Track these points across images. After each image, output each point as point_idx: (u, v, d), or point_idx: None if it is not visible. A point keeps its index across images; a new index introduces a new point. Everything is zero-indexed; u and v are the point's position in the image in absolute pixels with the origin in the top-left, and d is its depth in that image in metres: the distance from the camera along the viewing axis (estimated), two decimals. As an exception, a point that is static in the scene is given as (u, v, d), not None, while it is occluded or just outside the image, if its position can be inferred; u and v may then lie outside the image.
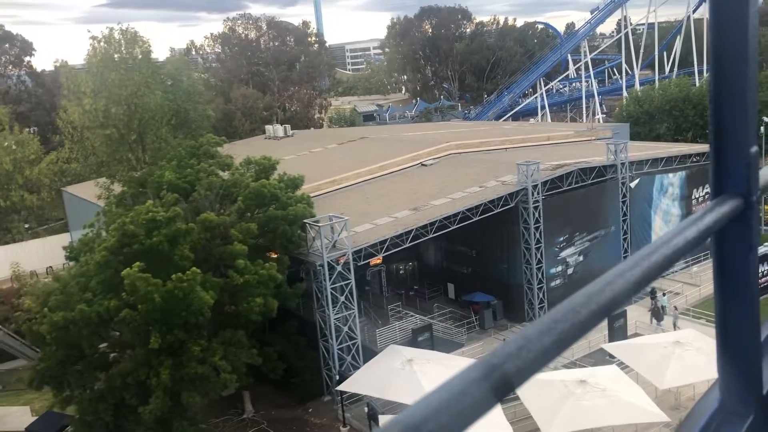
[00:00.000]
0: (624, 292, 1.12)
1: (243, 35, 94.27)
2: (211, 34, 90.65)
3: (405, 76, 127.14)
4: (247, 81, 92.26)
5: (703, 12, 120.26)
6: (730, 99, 1.47)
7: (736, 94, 1.46)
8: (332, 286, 31.47)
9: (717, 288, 1.56)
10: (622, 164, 42.16)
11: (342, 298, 31.85)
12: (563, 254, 40.43)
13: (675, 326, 37.24)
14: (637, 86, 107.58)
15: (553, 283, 40.17)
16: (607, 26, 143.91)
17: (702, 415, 1.53)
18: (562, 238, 40.28)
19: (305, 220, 31.18)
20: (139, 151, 37.45)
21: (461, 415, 0.85)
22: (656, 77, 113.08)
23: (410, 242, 34.66)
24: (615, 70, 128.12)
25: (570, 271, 40.77)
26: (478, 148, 50.72)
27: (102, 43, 37.59)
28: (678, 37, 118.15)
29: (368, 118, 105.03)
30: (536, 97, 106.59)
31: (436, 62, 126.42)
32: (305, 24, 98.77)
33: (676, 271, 44.34)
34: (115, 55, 37.62)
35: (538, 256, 38.86)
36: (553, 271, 40.08)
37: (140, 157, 37.47)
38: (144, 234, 24.76)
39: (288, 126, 65.99)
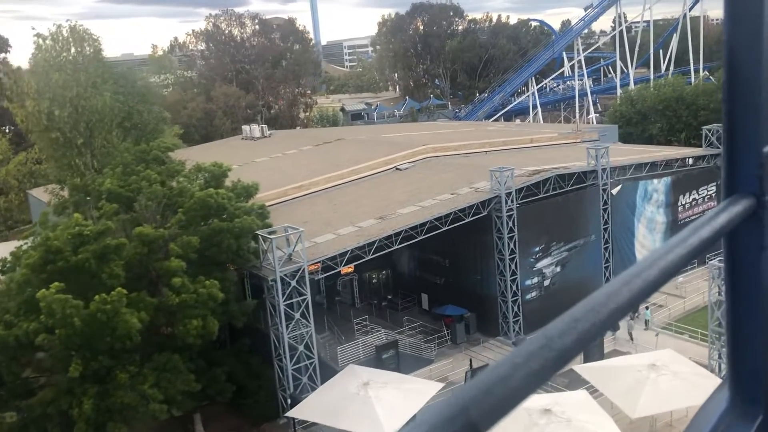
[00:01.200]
0: (642, 291, 1.12)
1: (227, 32, 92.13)
2: (193, 31, 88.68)
3: (396, 74, 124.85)
4: (230, 79, 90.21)
5: (700, 10, 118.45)
6: (743, 98, 1.46)
7: (750, 94, 1.46)
8: (286, 302, 29.42)
9: (728, 288, 1.57)
10: (603, 170, 40.09)
11: (297, 315, 29.80)
12: (539, 265, 38.39)
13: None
14: (632, 85, 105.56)
15: (528, 296, 38.14)
16: (606, 24, 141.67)
17: (711, 416, 1.50)
18: (538, 248, 38.24)
19: (258, 232, 29.12)
20: (88, 155, 35.31)
21: (487, 413, 0.87)
22: (651, 76, 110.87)
23: (373, 254, 32.62)
24: (611, 68, 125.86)
25: (547, 282, 38.73)
26: (456, 151, 48.69)
27: (48, 41, 35.44)
28: (674, 35, 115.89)
29: (356, 117, 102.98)
30: (528, 96, 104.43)
31: (428, 60, 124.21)
32: (291, 21, 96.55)
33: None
34: (63, 54, 35.43)
35: (513, 267, 36.84)
36: (528, 282, 38.04)
37: (88, 162, 35.33)
38: (70, 250, 22.75)
39: (265, 126, 63.95)
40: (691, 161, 47.05)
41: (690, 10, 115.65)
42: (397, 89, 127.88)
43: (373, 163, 45.00)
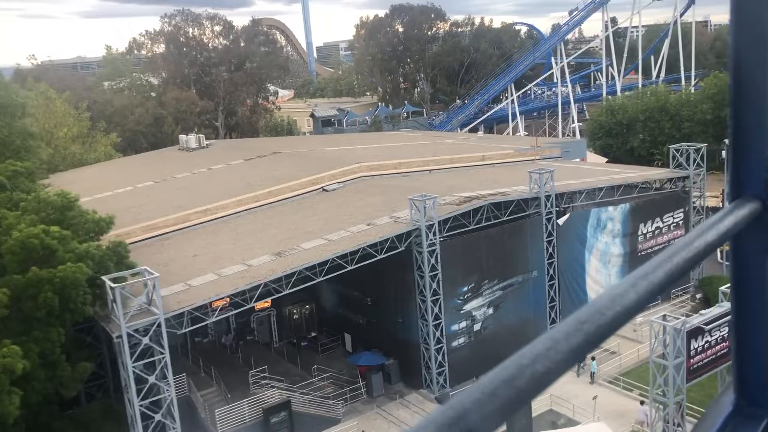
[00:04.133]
0: (647, 293, 1.12)
1: (189, 33, 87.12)
2: (147, 31, 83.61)
3: (373, 79, 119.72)
4: (189, 83, 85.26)
5: (692, 15, 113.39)
6: (750, 102, 1.46)
7: (756, 98, 1.46)
8: (139, 363, 24.39)
9: (734, 290, 1.56)
10: (548, 196, 35.05)
11: (152, 378, 24.76)
12: (468, 307, 33.35)
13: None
14: (619, 91, 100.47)
15: (455, 343, 33.12)
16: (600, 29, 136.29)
17: (717, 418, 1.50)
18: (466, 288, 33.20)
19: (104, 278, 24.09)
20: None
21: (492, 415, 0.87)
22: (639, 83, 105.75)
23: (255, 301, 27.60)
24: (600, 74, 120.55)
25: (477, 327, 33.69)
26: (395, 170, 43.66)
27: None
28: (666, 40, 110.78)
29: (327, 123, 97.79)
30: (507, 104, 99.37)
31: (408, 64, 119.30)
32: (255, 22, 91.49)
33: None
34: None
35: (436, 309, 31.81)
36: (455, 328, 33.01)
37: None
38: None
39: (202, 136, 58.95)
40: (658, 183, 42.09)
41: (681, 15, 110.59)
42: (375, 95, 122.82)
43: (296, 183, 40.00)
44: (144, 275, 24.77)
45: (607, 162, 75.54)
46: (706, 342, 25.68)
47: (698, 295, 41.48)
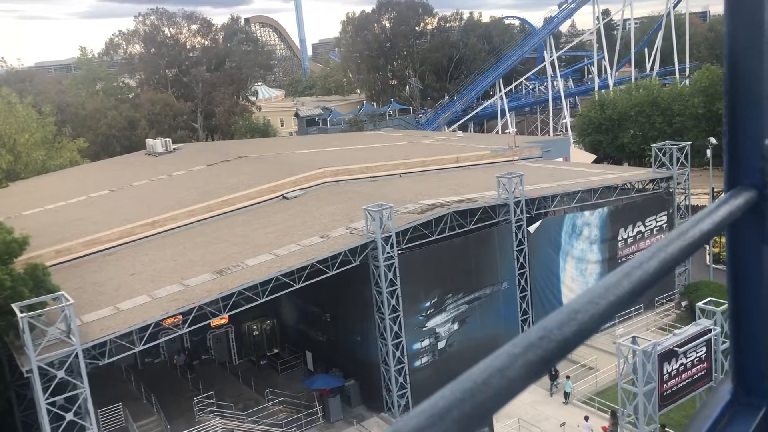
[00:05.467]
0: (642, 283, 1.12)
1: (166, 33, 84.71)
2: (120, 31, 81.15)
3: (360, 76, 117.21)
4: (166, 84, 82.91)
5: (686, 6, 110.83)
6: (745, 91, 1.46)
7: (751, 87, 1.45)
8: (52, 400, 22.11)
9: (730, 280, 1.56)
10: (517, 203, 32.69)
11: (69, 416, 22.49)
12: (431, 323, 31.02)
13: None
14: (611, 85, 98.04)
15: (417, 362, 30.80)
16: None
17: (714, 407, 1.51)
18: (429, 303, 30.87)
19: (15, 306, 21.81)
20: None
21: (484, 404, 0.87)
22: (633, 76, 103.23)
23: (189, 327, 25.29)
24: (593, 68, 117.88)
25: (441, 344, 31.37)
26: (362, 174, 41.31)
27: None
28: (659, 33, 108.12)
29: (311, 123, 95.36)
30: (495, 100, 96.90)
31: (396, 61, 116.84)
32: (235, 20, 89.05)
33: (601, 330, 35.10)
34: None
35: (396, 327, 29.50)
36: (417, 346, 30.68)
37: None
38: None
39: (169, 140, 56.63)
40: (641, 183, 39.72)
41: (675, 6, 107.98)
42: (362, 92, 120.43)
43: (253, 191, 37.67)
44: (61, 301, 22.51)
45: (595, 159, 73.33)
46: (681, 365, 23.35)
47: (684, 303, 39.12)
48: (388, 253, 28.93)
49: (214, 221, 35.65)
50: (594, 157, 70.10)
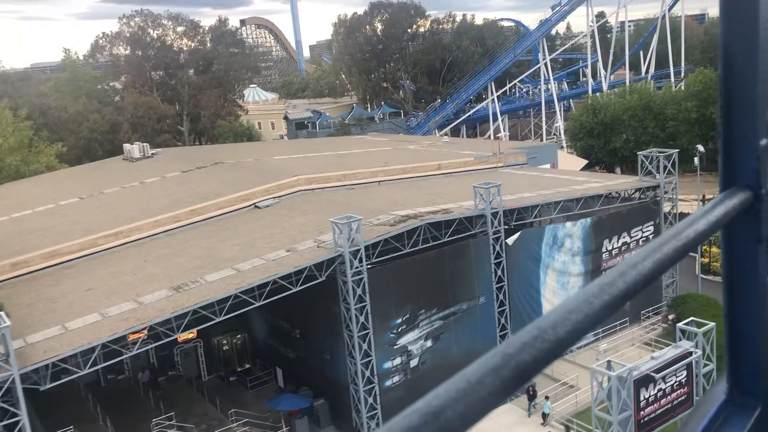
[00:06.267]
0: (637, 283, 1.12)
1: (153, 35, 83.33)
2: (103, 33, 79.78)
3: (351, 78, 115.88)
4: (151, 87, 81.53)
5: (681, 9, 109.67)
6: (740, 91, 1.46)
7: (746, 87, 1.45)
8: (-12, 427, 20.74)
9: (725, 280, 1.57)
10: (495, 213, 31.31)
11: (5, 444, 21.09)
12: (403, 341, 29.62)
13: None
14: (605, 88, 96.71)
15: (388, 382, 29.40)
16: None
17: (709, 407, 1.51)
18: (400, 320, 29.48)
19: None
20: None
21: (478, 404, 0.88)
22: (627, 79, 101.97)
23: (139, 349, 23.89)
24: (588, 71, 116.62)
25: (414, 362, 29.97)
26: (339, 182, 39.93)
27: None
28: (654, 35, 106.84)
29: (300, 126, 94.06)
30: (487, 103, 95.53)
31: (388, 63, 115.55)
32: (222, 22, 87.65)
33: (583, 346, 33.79)
34: None
35: (365, 346, 28.10)
36: (388, 365, 29.28)
37: None
38: None
39: (147, 145, 55.19)
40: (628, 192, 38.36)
41: (670, 9, 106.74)
42: (354, 95, 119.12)
43: (224, 200, 36.29)
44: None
45: (587, 165, 71.97)
46: (659, 390, 21.98)
47: (671, 316, 37.73)
48: (356, 267, 27.54)
49: (181, 232, 34.28)
50: (584, 163, 68.69)
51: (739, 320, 1.56)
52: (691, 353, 22.57)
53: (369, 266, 28.04)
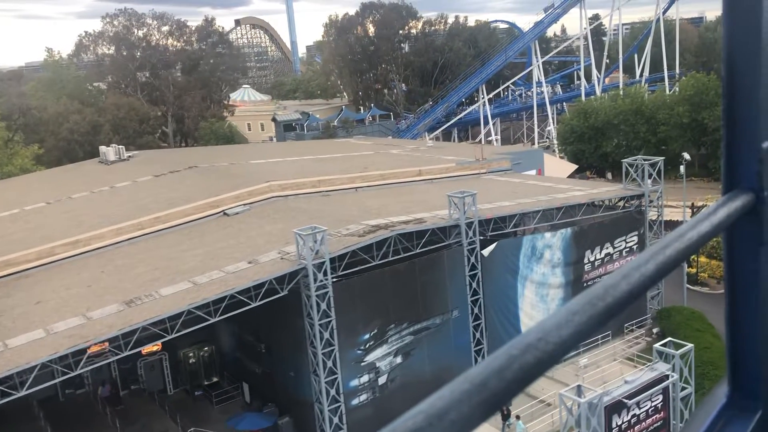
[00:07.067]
0: (640, 285, 1.12)
1: (134, 34, 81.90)
2: (86, 32, 78.43)
3: (343, 80, 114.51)
4: (136, 87, 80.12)
5: (676, 12, 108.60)
6: (743, 94, 1.45)
7: (748, 89, 1.44)
8: None
9: (727, 283, 1.56)
10: (469, 224, 29.97)
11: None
12: (371, 357, 28.27)
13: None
14: (598, 92, 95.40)
15: (355, 400, 28.03)
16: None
17: (710, 411, 1.50)
18: (368, 335, 28.13)
19: None
20: None
21: (482, 406, 0.87)
22: (621, 82, 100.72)
23: (84, 368, 22.52)
24: (582, 74, 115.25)
25: (382, 380, 28.60)
26: (314, 188, 38.58)
27: None
28: (649, 38, 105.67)
29: (289, 128, 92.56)
30: (478, 106, 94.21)
31: (380, 65, 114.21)
32: (209, 21, 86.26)
33: (566, 359, 32.41)
34: None
35: (330, 363, 26.74)
36: (354, 383, 27.92)
37: None
38: None
39: (122, 147, 53.76)
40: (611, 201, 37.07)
41: (664, 12, 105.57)
42: (346, 97, 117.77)
43: (191, 207, 34.90)
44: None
45: (577, 169, 70.72)
46: (633, 416, 20.65)
47: (655, 330, 36.46)
48: (320, 281, 26.18)
49: (144, 240, 32.88)
50: (573, 169, 67.39)
51: (741, 323, 1.54)
52: (667, 377, 21.25)
53: (335, 279, 26.70)
